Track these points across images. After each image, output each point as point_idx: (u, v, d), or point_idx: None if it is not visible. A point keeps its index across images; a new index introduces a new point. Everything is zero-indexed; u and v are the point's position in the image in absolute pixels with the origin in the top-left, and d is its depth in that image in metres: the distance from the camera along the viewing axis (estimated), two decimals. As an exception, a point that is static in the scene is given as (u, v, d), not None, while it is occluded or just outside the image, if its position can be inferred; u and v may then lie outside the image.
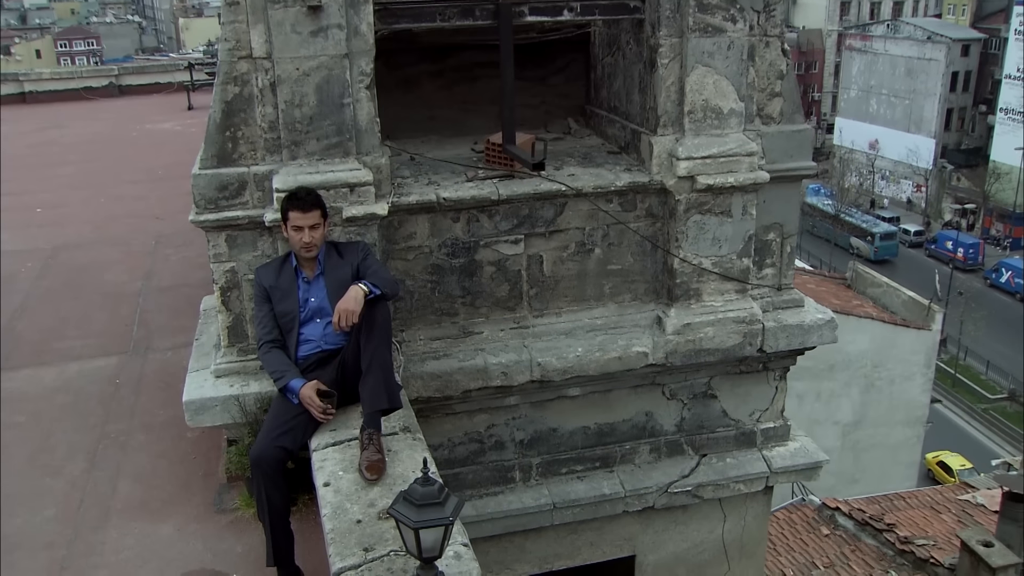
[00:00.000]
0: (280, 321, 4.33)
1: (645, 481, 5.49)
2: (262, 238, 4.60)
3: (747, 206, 5.10)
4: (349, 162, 4.55)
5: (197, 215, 4.48)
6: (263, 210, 4.52)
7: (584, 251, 5.11)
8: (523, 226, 4.97)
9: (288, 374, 4.18)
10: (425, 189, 4.83)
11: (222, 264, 4.60)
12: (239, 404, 4.58)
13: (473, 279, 5.00)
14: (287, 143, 4.48)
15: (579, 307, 5.23)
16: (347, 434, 4.11)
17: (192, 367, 4.91)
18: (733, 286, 5.24)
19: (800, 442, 5.84)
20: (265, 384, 4.62)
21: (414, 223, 4.82)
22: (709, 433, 5.66)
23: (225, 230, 4.54)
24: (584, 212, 5.04)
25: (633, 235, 5.14)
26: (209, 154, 4.46)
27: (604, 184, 4.97)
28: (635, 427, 5.52)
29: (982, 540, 10.64)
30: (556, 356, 5.01)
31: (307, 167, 4.50)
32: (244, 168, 4.50)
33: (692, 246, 5.09)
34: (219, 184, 4.47)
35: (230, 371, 4.71)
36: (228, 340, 4.71)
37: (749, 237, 5.17)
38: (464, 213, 4.86)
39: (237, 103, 4.44)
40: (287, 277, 4.34)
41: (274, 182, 4.45)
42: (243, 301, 4.66)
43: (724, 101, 4.96)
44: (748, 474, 5.62)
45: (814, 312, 5.45)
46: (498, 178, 4.99)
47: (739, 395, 5.63)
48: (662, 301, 5.30)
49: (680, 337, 5.15)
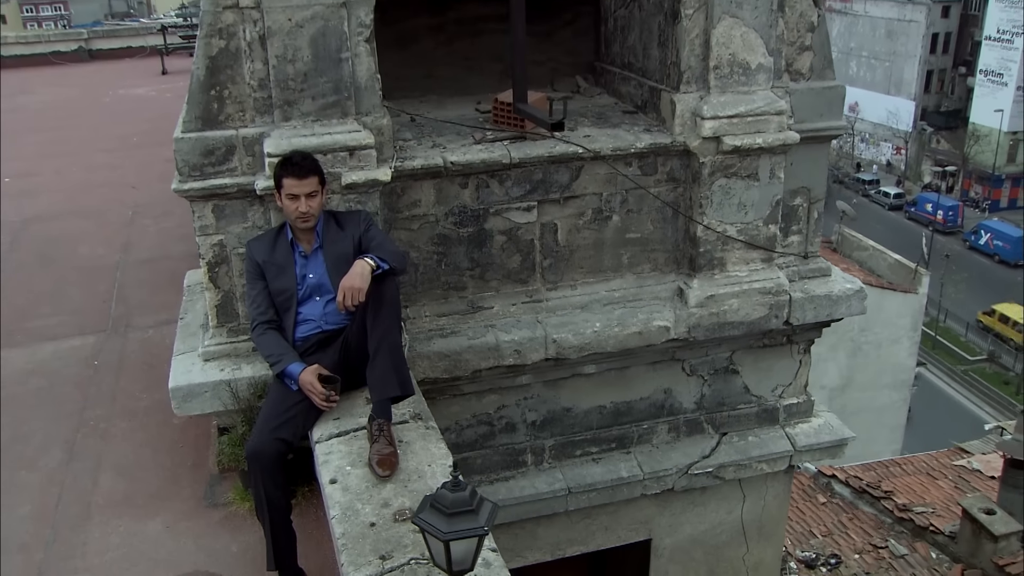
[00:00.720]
0: (276, 300, 3.93)
1: (664, 463, 5.18)
2: (252, 208, 4.18)
3: (775, 169, 4.74)
4: (348, 123, 4.13)
5: (180, 183, 4.05)
6: (253, 177, 4.10)
7: (601, 218, 4.74)
8: (536, 192, 4.58)
9: (286, 358, 3.79)
10: (430, 152, 4.42)
11: (209, 237, 4.18)
12: (231, 390, 4.20)
13: (482, 250, 4.62)
14: (279, 103, 4.05)
15: (595, 278, 4.87)
16: (352, 423, 3.75)
17: (177, 349, 4.51)
18: (759, 255, 4.90)
19: (824, 418, 5.55)
20: (259, 367, 4.24)
21: (419, 190, 4.42)
22: (730, 410, 5.34)
23: (212, 199, 4.12)
24: (602, 176, 4.66)
25: (653, 201, 4.77)
26: (192, 115, 4.03)
27: (624, 146, 4.59)
28: (653, 405, 5.20)
29: (984, 507, 10.49)
30: (572, 332, 4.66)
31: (302, 129, 4.08)
32: (232, 131, 4.07)
33: (716, 212, 4.73)
34: (204, 149, 4.04)
35: (220, 354, 4.32)
36: (217, 320, 4.32)
37: (776, 202, 4.82)
38: (473, 178, 4.47)
39: (223, 59, 3.99)
40: (282, 251, 3.94)
41: (265, 146, 4.03)
42: (232, 277, 4.26)
43: (752, 55, 4.58)
44: (771, 453, 5.32)
45: (842, 282, 5.13)
46: (509, 140, 4.59)
47: (761, 370, 5.32)
48: (683, 271, 4.95)
49: (703, 310, 4.81)
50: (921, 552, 11.04)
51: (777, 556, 6.00)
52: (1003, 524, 10.17)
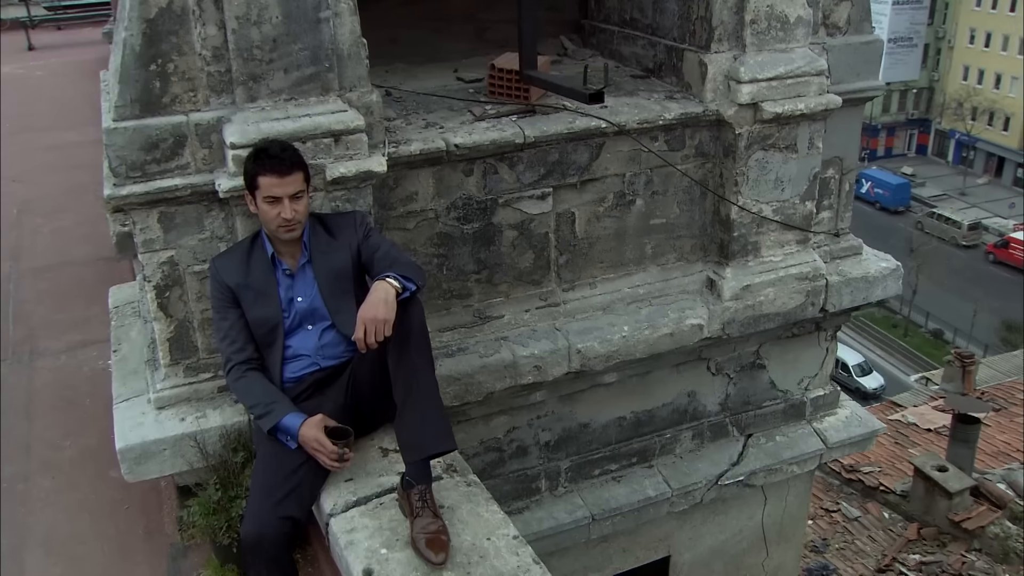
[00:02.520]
0: (256, 332, 3.08)
1: (692, 475, 4.57)
2: (210, 214, 3.29)
3: (814, 138, 4.13)
4: (331, 101, 3.27)
5: (117, 188, 3.11)
6: (211, 175, 3.20)
7: (624, 203, 4.03)
8: (551, 176, 3.83)
9: (277, 407, 2.96)
10: (427, 134, 3.60)
11: (156, 254, 3.27)
12: (197, 444, 3.32)
13: (490, 249, 3.84)
14: (242, 78, 3.15)
15: (616, 274, 4.17)
16: (372, 485, 2.96)
17: (118, 394, 3.58)
18: (794, 236, 4.30)
19: (849, 408, 5.05)
20: (230, 412, 3.38)
21: (415, 180, 3.60)
22: (756, 409, 4.77)
23: (158, 206, 3.20)
24: (624, 155, 3.94)
25: (680, 180, 4.09)
26: (127, 98, 3.08)
27: (651, 118, 3.87)
28: (676, 411, 4.57)
29: (936, 465, 10.44)
30: (598, 339, 3.96)
31: (272, 111, 3.20)
32: (181, 117, 3.15)
33: (752, 190, 4.09)
34: (146, 141, 3.11)
35: (177, 399, 3.42)
36: (171, 356, 3.41)
37: (815, 176, 4.22)
38: (479, 163, 3.68)
39: (164, 22, 3.06)
40: (260, 270, 3.08)
41: (226, 134, 3.13)
42: (188, 302, 3.36)
43: (791, 7, 3.92)
44: (803, 453, 4.79)
45: (876, 260, 4.60)
46: (516, 115, 3.81)
47: (788, 362, 4.76)
48: (711, 259, 4.30)
49: (739, 303, 4.19)
50: (874, 512, 10.97)
51: (797, 558, 5.53)
52: (956, 480, 10.15)
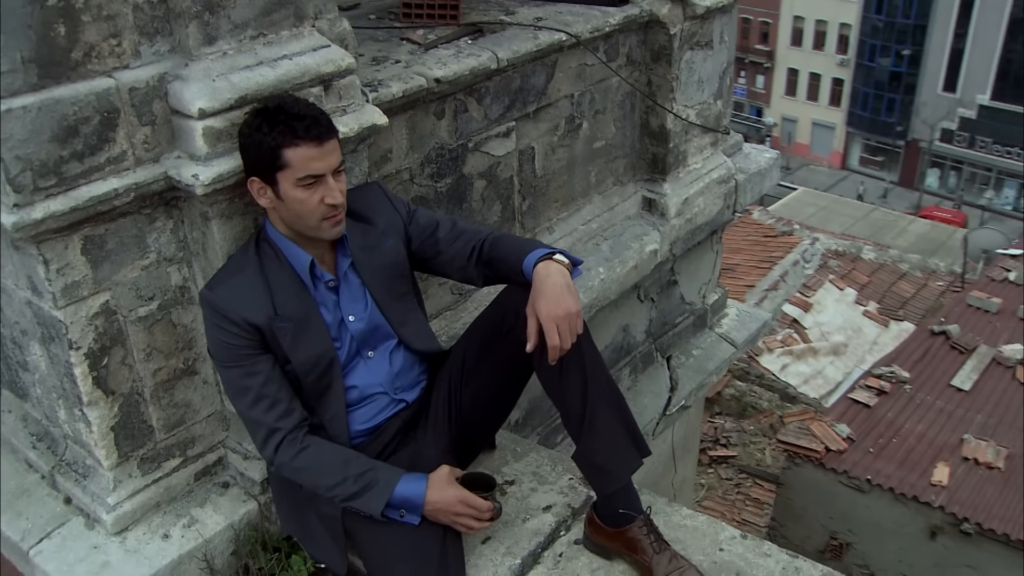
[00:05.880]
0: (305, 379, 2.10)
1: (644, 414, 4.26)
2: (155, 226, 2.15)
3: (724, 30, 3.87)
4: (306, 35, 2.27)
5: (24, 212, 1.87)
6: (158, 165, 2.08)
7: (573, 129, 3.45)
8: (514, 107, 3.13)
9: (380, 474, 2.08)
10: (401, 71, 2.70)
11: (82, 304, 2.07)
12: (206, 562, 2.26)
13: (463, 207, 3.07)
14: (191, 11, 2.04)
15: (568, 211, 3.60)
16: (517, 536, 2.24)
17: (16, 535, 2.30)
18: (709, 139, 4.06)
19: (735, 306, 5.05)
20: (226, 503, 2.35)
21: (388, 133, 2.69)
22: (672, 328, 4.55)
23: (80, 229, 2.01)
24: (573, 72, 3.35)
25: (615, 95, 3.60)
26: (17, 58, 1.84)
27: (599, 26, 3.30)
28: (616, 350, 4.18)
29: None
30: (581, 288, 3.41)
31: (238, 56, 2.13)
32: (105, 80, 1.96)
33: (683, 95, 3.75)
34: (58, 126, 1.90)
35: (144, 508, 2.29)
36: (118, 452, 2.25)
37: (724, 72, 3.98)
38: (451, 101, 2.86)
39: (54, -74, 1.85)
40: (290, 290, 2.09)
41: (186, 98, 2.03)
42: (134, 366, 2.21)
43: None
44: (722, 361, 4.69)
45: (760, 152, 4.54)
46: (464, 37, 3.03)
47: (691, 272, 4.57)
48: (640, 177, 3.91)
49: (681, 218, 3.87)
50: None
51: (694, 465, 5.52)
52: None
